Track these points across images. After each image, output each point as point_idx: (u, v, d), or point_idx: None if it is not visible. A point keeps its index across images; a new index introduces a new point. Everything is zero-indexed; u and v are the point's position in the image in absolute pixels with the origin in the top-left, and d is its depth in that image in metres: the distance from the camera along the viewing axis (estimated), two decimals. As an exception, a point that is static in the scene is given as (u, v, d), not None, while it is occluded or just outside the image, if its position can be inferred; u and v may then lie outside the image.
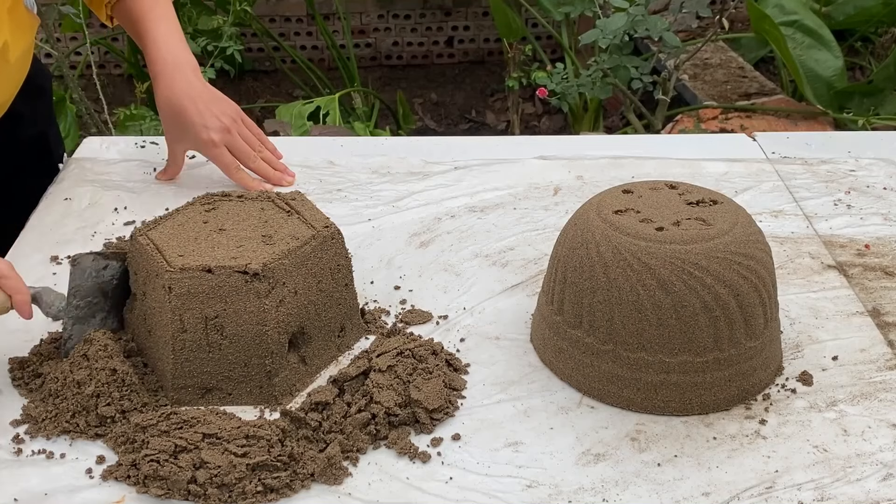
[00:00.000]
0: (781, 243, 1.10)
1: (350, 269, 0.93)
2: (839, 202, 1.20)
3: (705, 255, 0.81)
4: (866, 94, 2.65)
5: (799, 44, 2.61)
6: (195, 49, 2.87)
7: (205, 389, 0.85)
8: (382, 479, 0.77)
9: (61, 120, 2.70)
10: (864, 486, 0.77)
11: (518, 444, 0.81)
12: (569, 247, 0.87)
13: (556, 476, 0.78)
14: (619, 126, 2.96)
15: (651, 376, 0.83)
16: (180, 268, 0.82)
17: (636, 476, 0.78)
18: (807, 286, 1.02)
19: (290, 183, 1.23)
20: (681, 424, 0.83)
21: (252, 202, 0.94)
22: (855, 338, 0.94)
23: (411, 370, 0.85)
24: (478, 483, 0.77)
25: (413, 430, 0.82)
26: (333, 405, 0.82)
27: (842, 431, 0.82)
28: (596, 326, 0.84)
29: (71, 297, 0.89)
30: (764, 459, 0.79)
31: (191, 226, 0.89)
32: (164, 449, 0.75)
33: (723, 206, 0.88)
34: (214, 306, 0.82)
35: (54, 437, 0.81)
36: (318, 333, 0.88)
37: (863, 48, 3.21)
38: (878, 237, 1.12)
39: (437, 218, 1.15)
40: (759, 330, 0.84)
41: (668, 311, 0.81)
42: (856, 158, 1.30)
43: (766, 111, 2.68)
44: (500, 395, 0.87)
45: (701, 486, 0.77)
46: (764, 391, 0.87)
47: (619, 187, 0.92)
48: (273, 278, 0.83)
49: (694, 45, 2.61)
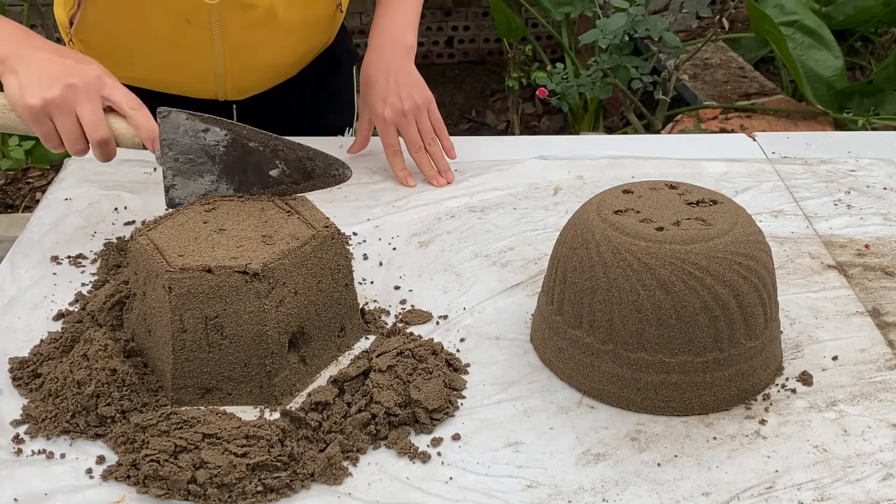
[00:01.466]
0: (781, 243, 1.10)
1: (350, 269, 0.93)
2: (839, 202, 1.20)
3: (705, 255, 0.81)
4: (866, 94, 2.65)
5: (799, 44, 2.61)
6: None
7: (205, 389, 0.85)
8: (382, 479, 0.77)
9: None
10: (864, 486, 0.77)
11: (518, 444, 0.81)
12: (569, 247, 0.87)
13: (556, 476, 0.78)
14: (619, 126, 2.96)
15: (651, 376, 0.83)
16: (180, 268, 0.82)
17: (636, 476, 0.78)
18: (807, 286, 1.02)
19: (442, 184, 1.22)
20: (681, 424, 0.83)
21: (252, 202, 0.94)
22: (855, 338, 0.94)
23: (411, 370, 0.85)
24: (478, 483, 0.77)
25: (413, 430, 0.82)
26: (333, 405, 0.82)
27: (842, 431, 0.82)
28: (596, 326, 0.84)
29: (165, 147, 0.93)
30: (764, 459, 0.79)
31: (191, 226, 0.89)
32: (164, 449, 0.75)
33: (723, 206, 0.88)
34: (214, 306, 0.82)
35: (54, 437, 0.81)
36: (318, 333, 0.88)
37: (863, 48, 3.21)
38: (878, 237, 1.12)
39: (437, 218, 1.15)
40: (759, 330, 0.84)
41: (668, 311, 0.81)
42: (856, 158, 1.30)
43: (766, 111, 2.68)
44: (500, 395, 0.87)
45: (701, 486, 0.77)
46: (764, 391, 0.87)
47: (619, 187, 0.92)
48: (273, 278, 0.83)
49: (694, 45, 2.61)
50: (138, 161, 1.27)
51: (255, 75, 1.29)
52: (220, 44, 1.21)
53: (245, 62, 1.25)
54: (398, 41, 1.23)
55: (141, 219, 1.13)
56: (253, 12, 1.18)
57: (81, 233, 1.11)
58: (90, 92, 0.95)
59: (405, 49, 1.23)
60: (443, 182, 1.23)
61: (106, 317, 0.92)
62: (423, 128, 1.23)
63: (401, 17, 1.25)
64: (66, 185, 1.21)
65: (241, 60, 1.24)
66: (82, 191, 1.20)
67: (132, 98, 0.98)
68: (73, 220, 1.13)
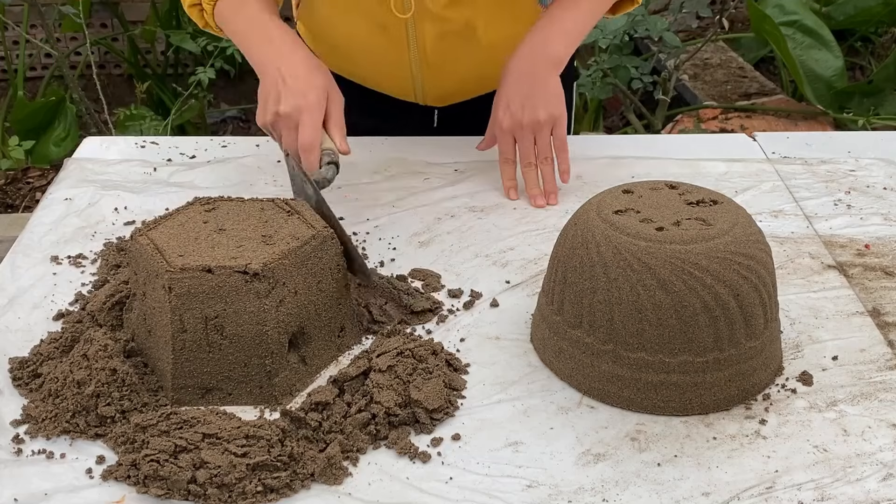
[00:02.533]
0: (781, 243, 1.10)
1: (350, 269, 0.93)
2: (839, 202, 1.19)
3: (705, 255, 0.81)
4: (866, 93, 2.66)
5: (799, 44, 2.61)
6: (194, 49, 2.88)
7: (205, 389, 0.84)
8: (382, 479, 0.77)
9: (60, 120, 2.70)
10: (864, 486, 0.77)
11: (518, 444, 0.81)
12: (569, 247, 0.87)
13: (555, 476, 0.78)
14: (619, 126, 2.96)
15: (651, 376, 0.83)
16: (180, 268, 0.82)
17: (636, 476, 0.78)
18: (807, 286, 1.02)
19: (541, 205, 1.17)
20: (681, 424, 0.83)
21: (252, 202, 0.94)
22: (855, 338, 0.94)
23: (411, 370, 0.85)
24: (478, 483, 0.77)
25: (413, 430, 0.82)
26: (333, 405, 0.82)
27: (842, 431, 0.82)
28: (596, 326, 0.84)
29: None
30: (764, 459, 0.79)
31: (191, 226, 0.89)
32: (165, 449, 0.75)
33: (723, 206, 0.88)
34: (214, 306, 0.82)
35: (54, 437, 0.81)
36: (318, 333, 0.88)
37: (863, 48, 3.21)
38: (878, 237, 1.12)
39: (437, 218, 1.15)
40: (759, 330, 0.84)
41: (669, 311, 0.81)
42: (856, 158, 1.30)
43: (766, 111, 2.68)
44: (500, 395, 0.86)
45: (701, 487, 0.77)
46: (764, 391, 0.87)
47: (619, 187, 0.92)
48: (273, 278, 0.83)
49: (694, 45, 2.61)
50: (139, 161, 1.27)
51: (453, 86, 1.29)
52: (416, 53, 1.22)
53: (441, 73, 1.25)
54: (546, 51, 1.16)
55: (141, 219, 1.13)
56: (447, 25, 1.19)
57: (81, 233, 1.11)
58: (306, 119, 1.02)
59: (551, 60, 1.16)
60: (542, 204, 1.17)
61: (106, 317, 0.92)
62: (541, 144, 1.17)
63: (560, 25, 1.17)
64: (66, 185, 1.21)
65: (437, 71, 1.25)
66: (82, 191, 1.20)
67: (309, 139, 1.01)
68: (72, 220, 1.13)
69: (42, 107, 2.70)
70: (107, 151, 1.30)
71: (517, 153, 1.19)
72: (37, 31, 3.14)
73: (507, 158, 1.20)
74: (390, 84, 1.30)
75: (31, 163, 2.74)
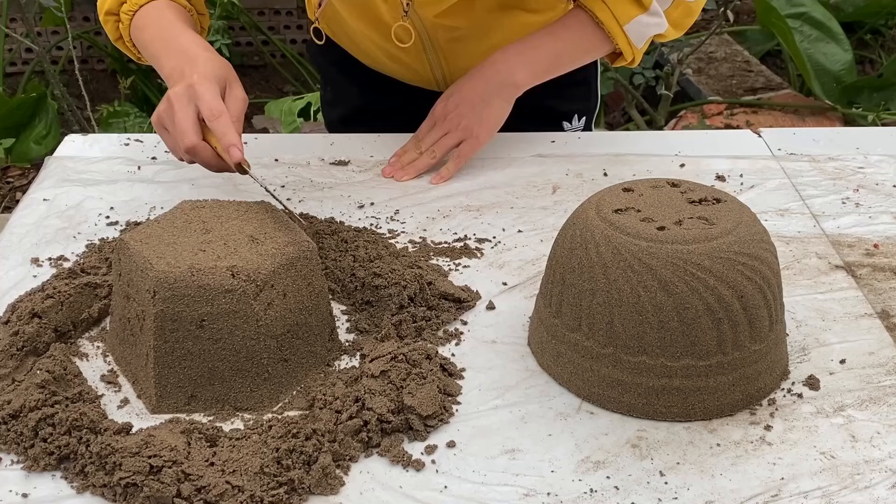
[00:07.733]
0: (787, 243, 1.09)
1: (343, 270, 0.91)
2: (847, 200, 1.18)
3: (708, 255, 0.80)
4: (876, 88, 2.64)
5: (806, 37, 2.59)
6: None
7: (190, 395, 0.83)
8: (375, 489, 0.76)
9: (41, 117, 2.68)
10: (872, 493, 0.75)
11: (515, 451, 0.80)
12: (567, 247, 0.86)
13: (554, 484, 0.76)
14: (621, 122, 2.94)
15: (652, 381, 0.82)
16: (166, 270, 0.80)
17: (637, 484, 0.76)
18: (813, 287, 1.01)
19: (387, 175, 1.22)
20: (683, 431, 0.82)
21: (239, 205, 0.92)
22: (863, 340, 0.93)
23: (405, 375, 0.83)
24: (474, 492, 0.76)
25: (406, 437, 0.80)
26: (324, 411, 0.80)
27: (850, 437, 0.81)
28: (595, 329, 0.83)
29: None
30: (769, 466, 0.78)
31: (177, 228, 0.87)
32: (140, 470, 0.72)
33: (726, 205, 0.87)
34: (201, 309, 0.80)
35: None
36: (308, 337, 0.87)
37: (872, 41, 3.19)
38: (888, 236, 1.10)
39: (431, 218, 1.14)
40: (763, 332, 0.83)
41: (670, 313, 0.80)
42: (865, 155, 1.29)
43: (772, 106, 2.66)
44: (497, 401, 0.85)
45: (704, 495, 0.75)
46: (769, 396, 0.86)
47: (619, 185, 0.91)
48: (261, 281, 0.81)
49: (698, 39, 2.59)
50: (122, 159, 1.25)
51: None
52: (433, 55, 1.26)
53: (461, 68, 1.27)
54: (509, 74, 1.18)
55: (124, 219, 1.12)
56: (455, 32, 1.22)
57: (63, 234, 1.09)
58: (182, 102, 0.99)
59: (506, 84, 1.18)
60: (389, 173, 1.21)
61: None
62: (443, 141, 1.21)
63: (534, 53, 1.19)
64: (48, 184, 1.19)
65: (457, 67, 1.28)
66: (64, 190, 1.17)
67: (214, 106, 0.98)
68: (54, 221, 1.11)
69: (22, 103, 2.67)
70: (89, 149, 1.28)
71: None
72: (17, 25, 3.10)
73: (418, 137, 1.23)
74: (413, 78, 1.34)
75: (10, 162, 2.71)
